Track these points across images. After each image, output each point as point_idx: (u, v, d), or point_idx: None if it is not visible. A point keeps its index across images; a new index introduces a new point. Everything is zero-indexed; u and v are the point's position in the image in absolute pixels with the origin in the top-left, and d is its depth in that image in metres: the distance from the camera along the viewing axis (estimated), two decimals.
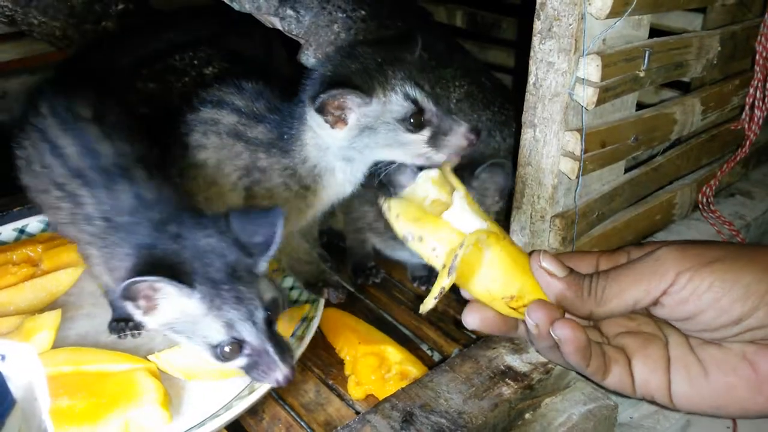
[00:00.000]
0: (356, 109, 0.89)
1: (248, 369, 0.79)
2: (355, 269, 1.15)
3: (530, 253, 0.70)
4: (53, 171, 0.88)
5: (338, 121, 0.90)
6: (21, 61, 1.65)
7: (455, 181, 0.72)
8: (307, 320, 0.97)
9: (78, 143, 0.88)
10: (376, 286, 1.13)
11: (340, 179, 0.99)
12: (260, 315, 0.77)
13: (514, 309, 0.69)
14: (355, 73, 0.90)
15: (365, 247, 1.15)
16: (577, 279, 0.68)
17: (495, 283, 0.68)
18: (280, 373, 0.77)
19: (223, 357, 0.77)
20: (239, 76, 1.05)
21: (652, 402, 0.69)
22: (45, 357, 0.87)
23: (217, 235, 0.77)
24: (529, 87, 0.76)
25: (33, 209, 1.15)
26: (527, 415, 0.79)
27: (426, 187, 0.73)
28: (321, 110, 0.89)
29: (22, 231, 1.14)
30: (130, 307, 0.77)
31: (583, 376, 0.73)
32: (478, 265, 0.68)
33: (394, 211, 0.70)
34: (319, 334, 0.99)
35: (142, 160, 0.89)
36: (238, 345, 0.77)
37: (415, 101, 0.90)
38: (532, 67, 0.75)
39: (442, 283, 0.66)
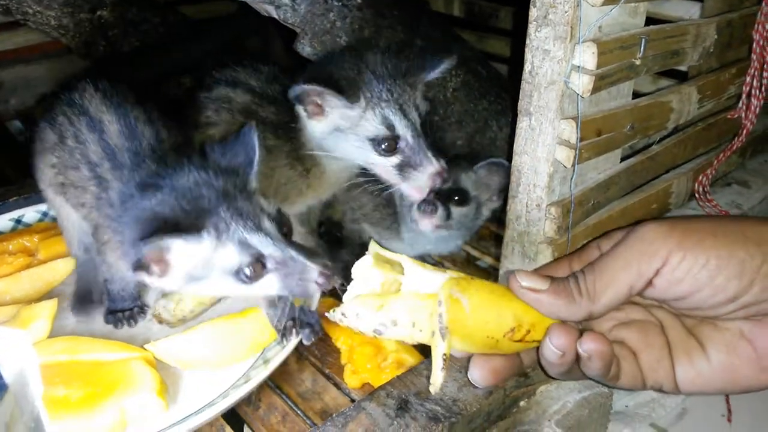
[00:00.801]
0: (334, 109, 0.90)
1: (285, 287, 0.75)
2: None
3: (508, 277, 0.67)
4: (88, 147, 0.86)
5: (317, 113, 0.91)
6: (16, 51, 1.64)
7: (390, 254, 0.68)
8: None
9: (119, 122, 0.87)
10: None
11: (335, 168, 0.99)
12: (269, 225, 0.75)
13: (519, 341, 0.66)
14: (346, 77, 0.90)
15: (361, 237, 1.15)
16: (563, 284, 0.65)
17: (489, 324, 0.64)
18: (315, 272, 0.72)
19: (249, 279, 0.74)
20: (256, 58, 1.07)
21: (660, 390, 0.68)
22: (41, 346, 0.87)
23: (197, 171, 0.76)
24: (525, 75, 0.76)
25: (29, 199, 1.15)
26: (522, 403, 0.80)
27: (366, 276, 0.67)
28: (300, 100, 0.90)
29: (18, 221, 1.14)
30: (145, 278, 0.75)
31: (593, 380, 0.71)
32: (464, 317, 0.63)
33: (350, 313, 0.64)
34: None
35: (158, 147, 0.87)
36: (258, 262, 0.73)
37: (391, 127, 0.90)
38: (527, 55, 0.74)
39: (441, 351, 0.62)
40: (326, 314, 0.66)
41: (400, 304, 0.64)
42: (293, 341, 0.89)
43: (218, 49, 1.44)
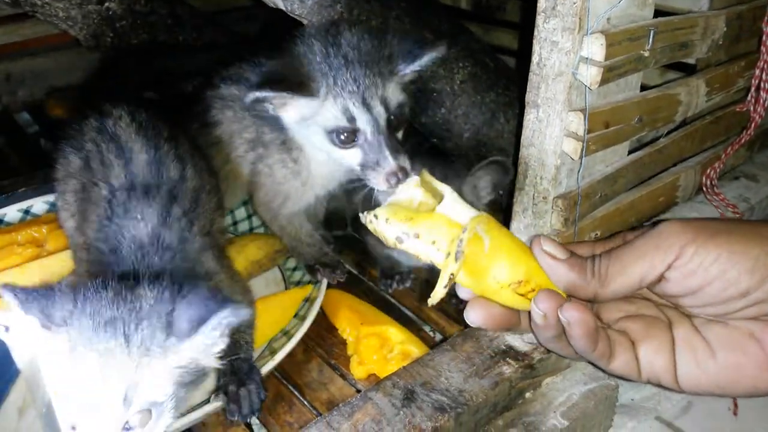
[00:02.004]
0: (294, 100, 0.88)
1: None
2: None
3: (532, 239, 0.69)
4: (111, 171, 0.86)
5: (282, 104, 0.89)
6: (24, 43, 1.65)
7: (437, 183, 0.71)
8: (309, 301, 0.97)
9: (148, 152, 0.87)
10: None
11: (323, 161, 0.97)
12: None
13: (522, 295, 0.67)
14: (302, 67, 0.87)
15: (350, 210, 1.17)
16: (580, 260, 0.67)
17: (501, 269, 0.66)
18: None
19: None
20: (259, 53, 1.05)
21: (658, 385, 0.68)
22: None
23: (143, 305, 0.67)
24: (533, 67, 0.75)
25: (38, 190, 1.16)
26: (528, 394, 0.80)
27: (411, 191, 0.71)
28: (259, 101, 0.88)
29: (27, 212, 1.14)
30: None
31: (587, 360, 0.72)
32: (481, 255, 0.66)
33: (381, 217, 0.67)
34: (322, 315, 0.99)
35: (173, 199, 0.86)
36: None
37: (351, 119, 0.86)
38: (535, 47, 0.74)
39: (450, 270, 0.64)
40: (359, 214, 0.69)
41: (428, 222, 0.66)
42: (300, 332, 0.89)
43: (234, 48, 1.44)
